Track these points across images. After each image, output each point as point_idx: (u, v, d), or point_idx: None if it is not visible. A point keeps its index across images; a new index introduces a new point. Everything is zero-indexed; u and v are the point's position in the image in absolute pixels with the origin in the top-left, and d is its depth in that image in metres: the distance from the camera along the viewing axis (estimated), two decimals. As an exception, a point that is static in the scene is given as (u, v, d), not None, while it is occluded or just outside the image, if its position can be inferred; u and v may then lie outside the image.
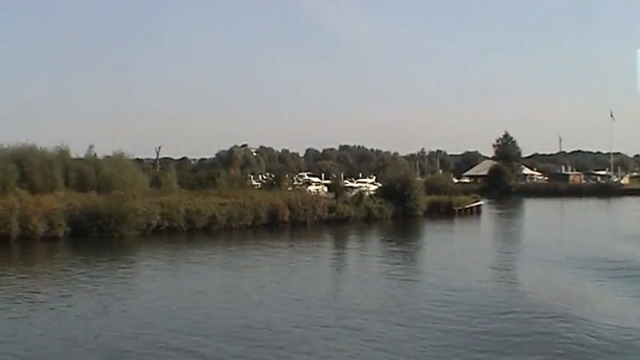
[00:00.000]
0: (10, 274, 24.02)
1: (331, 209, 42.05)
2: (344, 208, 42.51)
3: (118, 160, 51.10)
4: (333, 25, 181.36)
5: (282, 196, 40.95)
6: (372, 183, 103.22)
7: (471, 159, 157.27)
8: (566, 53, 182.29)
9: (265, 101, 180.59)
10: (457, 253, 30.80)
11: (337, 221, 42.03)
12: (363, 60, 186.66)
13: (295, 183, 62.37)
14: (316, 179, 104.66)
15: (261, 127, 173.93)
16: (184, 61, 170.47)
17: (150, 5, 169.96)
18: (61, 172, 45.36)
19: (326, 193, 51.49)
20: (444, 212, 48.98)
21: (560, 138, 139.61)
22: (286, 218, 40.08)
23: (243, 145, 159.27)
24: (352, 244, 35.70)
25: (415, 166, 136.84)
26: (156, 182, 52.10)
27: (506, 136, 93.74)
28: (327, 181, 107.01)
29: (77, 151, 49.36)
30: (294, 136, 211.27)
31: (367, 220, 43.57)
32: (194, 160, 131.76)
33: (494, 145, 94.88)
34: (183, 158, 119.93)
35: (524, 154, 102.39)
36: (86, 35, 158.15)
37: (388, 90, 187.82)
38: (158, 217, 35.92)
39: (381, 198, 45.98)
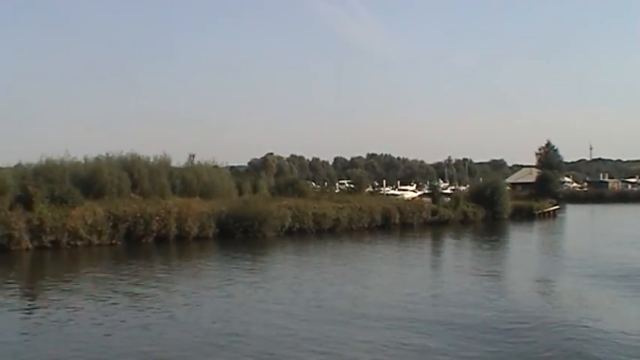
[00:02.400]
0: (181, 266, 28.27)
1: (434, 212, 45.30)
2: (444, 211, 45.76)
3: (212, 169, 54.42)
4: (350, 34, 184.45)
5: (393, 202, 44.25)
6: (413, 191, 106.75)
7: (497, 167, 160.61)
8: (584, 60, 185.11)
9: (292, 110, 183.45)
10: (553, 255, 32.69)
11: (438, 223, 45.40)
12: (383, 69, 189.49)
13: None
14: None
15: (290, 136, 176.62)
16: (211, 71, 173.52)
17: (171, 16, 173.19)
18: (166, 179, 48.49)
19: None
20: (526, 215, 52.33)
21: (590, 146, 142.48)
22: (397, 220, 43.38)
23: (270, 154, 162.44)
24: (456, 243, 38.98)
25: (444, 174, 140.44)
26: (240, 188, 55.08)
27: (548, 144, 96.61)
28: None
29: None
30: (323, 145, 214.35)
31: (463, 223, 46.90)
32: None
33: (536, 154, 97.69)
34: (215, 167, 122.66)
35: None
36: (111, 44, 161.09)
37: (410, 98, 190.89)
38: (289, 220, 39.07)
39: (472, 202, 49.20)
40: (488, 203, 49.03)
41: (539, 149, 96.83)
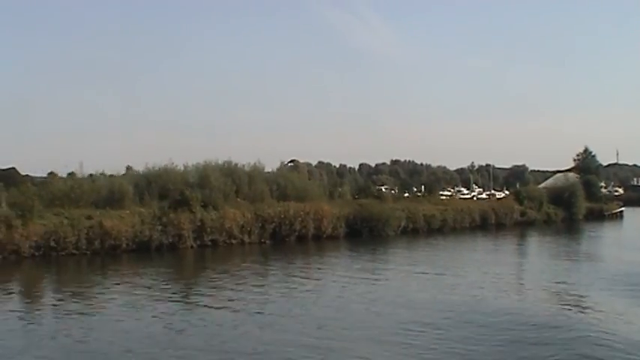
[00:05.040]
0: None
1: (522, 214, 49.72)
2: (531, 212, 50.22)
3: (303, 174, 58.89)
4: (362, 40, 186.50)
5: (488, 205, 48.70)
6: (450, 195, 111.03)
7: (518, 172, 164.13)
8: (602, 63, 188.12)
9: (306, 117, 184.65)
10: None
11: (525, 223, 49.79)
12: (397, 75, 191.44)
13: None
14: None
15: (316, 142, 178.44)
16: (218, 77, 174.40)
17: (180, 20, 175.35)
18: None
19: None
20: (597, 216, 56.88)
21: (617, 152, 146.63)
22: (492, 221, 47.76)
23: (292, 161, 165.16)
24: (545, 239, 42.79)
25: (469, 179, 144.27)
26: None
27: (586, 150, 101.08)
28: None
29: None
30: (347, 152, 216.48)
31: (546, 222, 51.34)
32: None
33: (574, 159, 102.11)
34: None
35: (567, 167, 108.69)
36: (116, 48, 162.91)
37: (430, 104, 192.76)
38: (404, 220, 43.36)
39: (550, 204, 53.65)
40: (566, 205, 53.46)
41: (577, 155, 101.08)
